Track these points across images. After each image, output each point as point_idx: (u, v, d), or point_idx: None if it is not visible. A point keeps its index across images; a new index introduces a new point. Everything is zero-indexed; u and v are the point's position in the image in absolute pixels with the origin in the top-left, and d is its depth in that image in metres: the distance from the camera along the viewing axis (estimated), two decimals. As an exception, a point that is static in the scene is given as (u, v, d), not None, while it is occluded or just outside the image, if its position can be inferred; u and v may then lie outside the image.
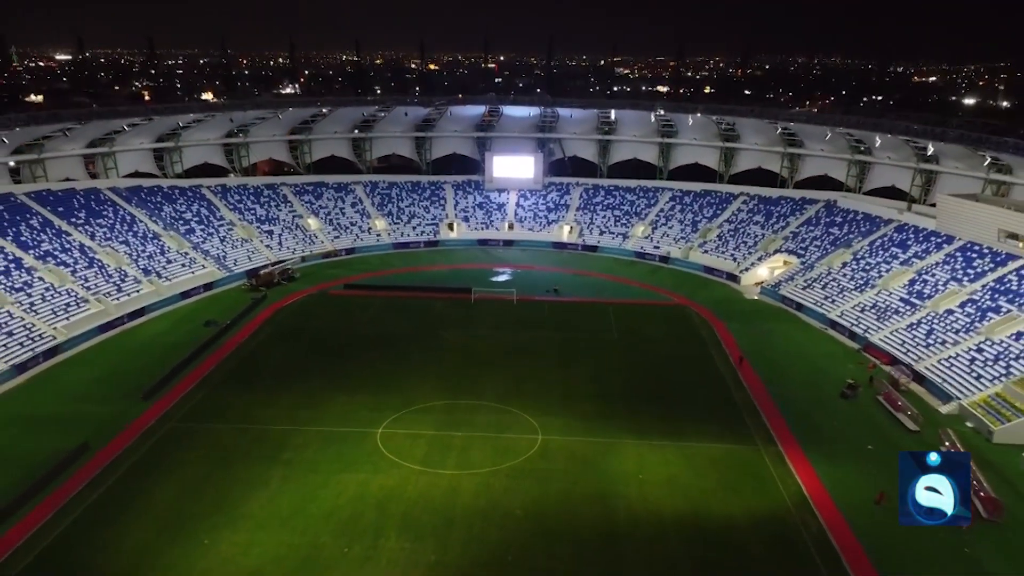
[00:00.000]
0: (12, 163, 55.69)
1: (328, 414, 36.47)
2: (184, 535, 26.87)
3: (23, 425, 35.21)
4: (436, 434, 34.40)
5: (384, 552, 25.95)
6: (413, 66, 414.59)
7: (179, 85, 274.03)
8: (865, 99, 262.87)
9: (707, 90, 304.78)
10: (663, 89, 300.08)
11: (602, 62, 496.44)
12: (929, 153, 57.19)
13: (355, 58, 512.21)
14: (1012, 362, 39.04)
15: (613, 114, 71.56)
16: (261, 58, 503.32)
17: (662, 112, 68.77)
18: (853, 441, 34.87)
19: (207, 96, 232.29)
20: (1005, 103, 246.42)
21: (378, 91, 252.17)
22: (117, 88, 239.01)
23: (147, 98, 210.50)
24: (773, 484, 30.94)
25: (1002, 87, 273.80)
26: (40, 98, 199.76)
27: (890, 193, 61.76)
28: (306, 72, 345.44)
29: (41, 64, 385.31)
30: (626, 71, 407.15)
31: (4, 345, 41.13)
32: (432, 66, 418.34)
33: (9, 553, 25.90)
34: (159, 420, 35.83)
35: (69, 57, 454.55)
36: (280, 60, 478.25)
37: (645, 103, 72.14)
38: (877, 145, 60.02)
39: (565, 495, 29.81)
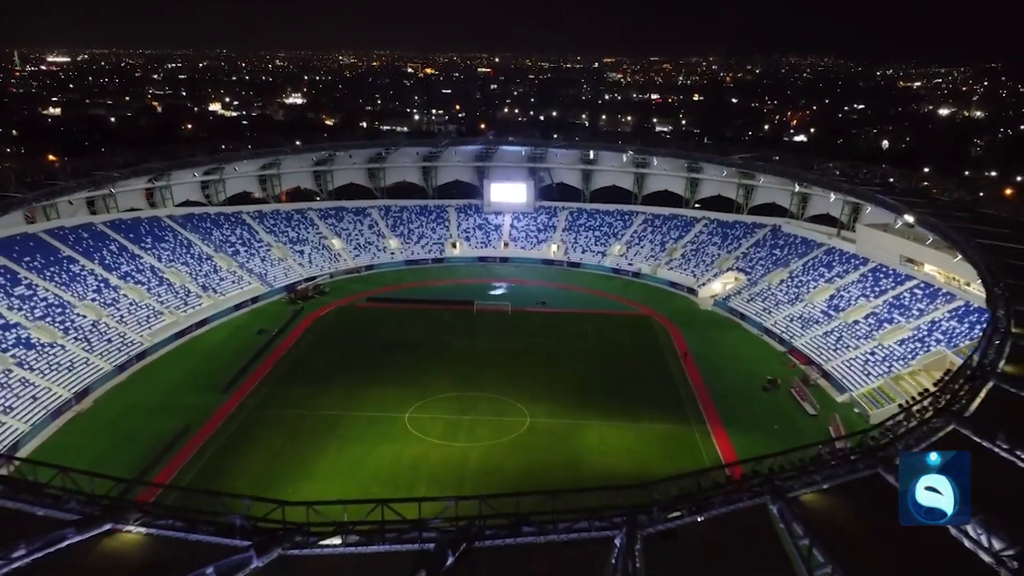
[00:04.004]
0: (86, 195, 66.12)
1: (366, 403, 47.20)
2: (274, 486, 37.58)
3: (136, 412, 45.91)
4: (449, 417, 45.25)
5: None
6: (411, 70, 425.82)
7: (184, 93, 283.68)
8: (847, 107, 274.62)
9: (695, 97, 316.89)
10: (654, 96, 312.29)
11: (596, 64, 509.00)
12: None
13: (353, 60, 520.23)
14: (894, 363, 50.44)
15: (592, 153, 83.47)
16: (259, 60, 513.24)
17: (631, 152, 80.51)
18: (764, 422, 45.96)
19: (214, 107, 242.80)
20: (979, 112, 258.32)
21: (379, 101, 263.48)
22: (128, 98, 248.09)
23: (159, 109, 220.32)
24: (698, 452, 42.06)
25: (976, 98, 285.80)
26: (58, 111, 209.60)
27: (826, 220, 73.05)
28: (305, 77, 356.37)
29: (42, 68, 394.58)
30: (619, 75, 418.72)
31: (107, 350, 52.16)
32: (429, 70, 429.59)
33: (148, 504, 36.86)
34: (238, 408, 46.57)
35: (68, 59, 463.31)
36: (278, 62, 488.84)
37: (619, 146, 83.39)
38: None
39: (546, 461, 40.66)
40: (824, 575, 13.22)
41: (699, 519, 15.74)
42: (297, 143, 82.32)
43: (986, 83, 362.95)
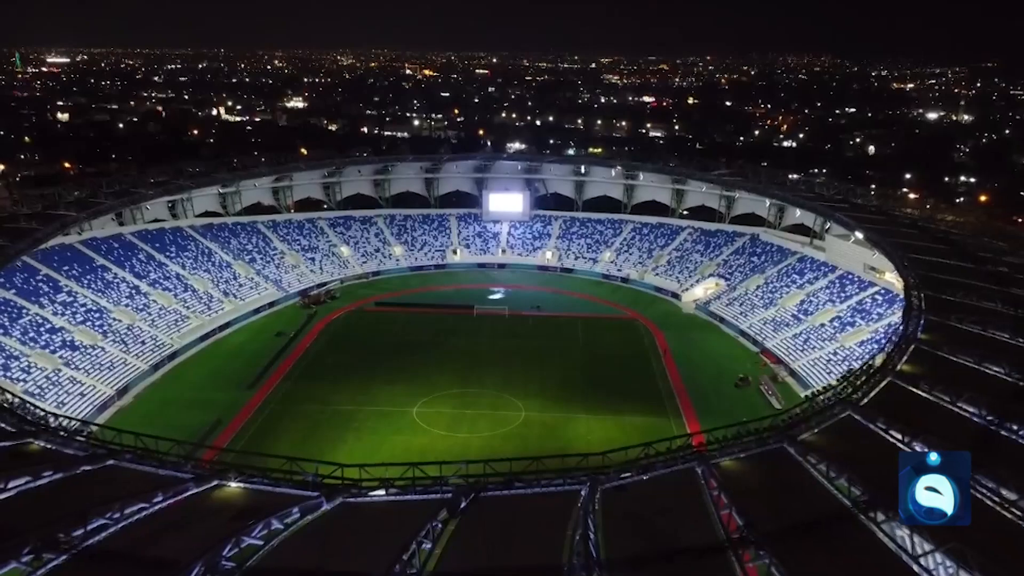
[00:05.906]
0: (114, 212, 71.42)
1: (378, 398, 52.64)
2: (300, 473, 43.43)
3: (172, 407, 51.41)
4: (453, 411, 50.80)
5: (426, 480, 42.69)
6: (409, 72, 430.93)
7: (186, 96, 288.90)
8: (838, 110, 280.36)
9: (690, 100, 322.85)
10: (648, 99, 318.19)
11: (593, 64, 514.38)
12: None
13: (351, 60, 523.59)
14: (853, 362, 55.92)
15: (583, 168, 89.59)
16: (257, 59, 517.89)
17: (619, 168, 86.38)
18: (734, 415, 50.50)
19: (218, 110, 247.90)
20: (966, 116, 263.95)
21: (381, 108, 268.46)
22: (133, 103, 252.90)
23: (164, 115, 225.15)
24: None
25: (963, 102, 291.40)
26: (66, 116, 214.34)
27: (800, 230, 78.67)
28: (305, 80, 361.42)
29: (43, 70, 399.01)
30: (615, 77, 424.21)
31: (141, 351, 57.65)
32: (428, 72, 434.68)
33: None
34: (263, 403, 52.02)
35: (67, 60, 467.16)
36: (276, 63, 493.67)
37: (608, 162, 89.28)
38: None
39: (538, 449, 45.18)
40: (726, 513, 18.69)
41: (644, 477, 21.32)
42: (303, 150, 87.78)
43: (979, 84, 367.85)
